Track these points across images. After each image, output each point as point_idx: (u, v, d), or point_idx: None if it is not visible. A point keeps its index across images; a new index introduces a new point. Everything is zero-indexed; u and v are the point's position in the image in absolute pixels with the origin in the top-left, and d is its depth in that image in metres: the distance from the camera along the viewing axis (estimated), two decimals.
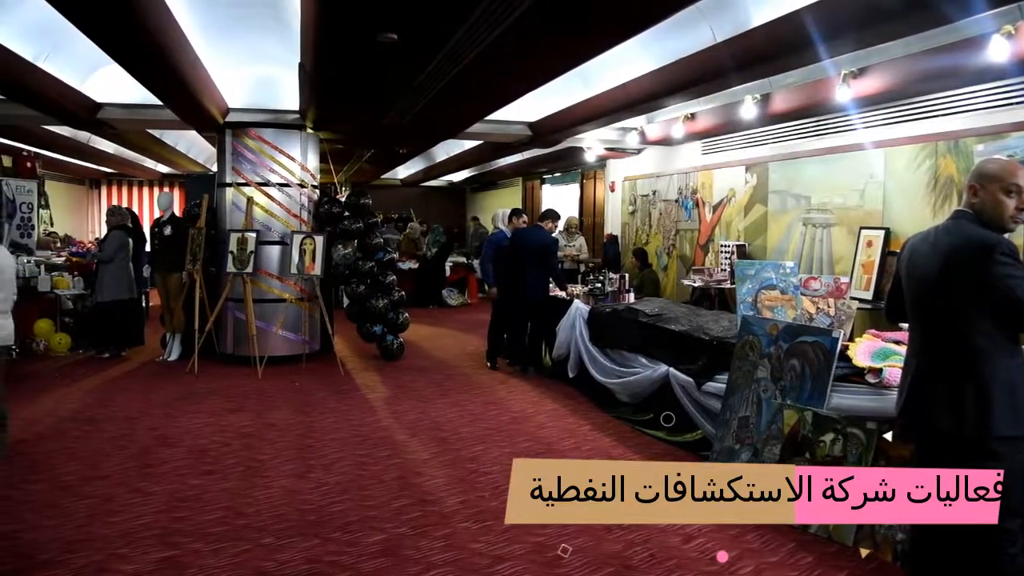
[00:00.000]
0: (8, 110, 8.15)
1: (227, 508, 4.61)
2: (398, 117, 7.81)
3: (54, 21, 5.00)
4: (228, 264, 8.82)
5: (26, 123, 9.26)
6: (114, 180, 18.82)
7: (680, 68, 6.43)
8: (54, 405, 7.00)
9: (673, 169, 10.99)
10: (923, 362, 3.05)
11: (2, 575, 3.74)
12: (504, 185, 18.54)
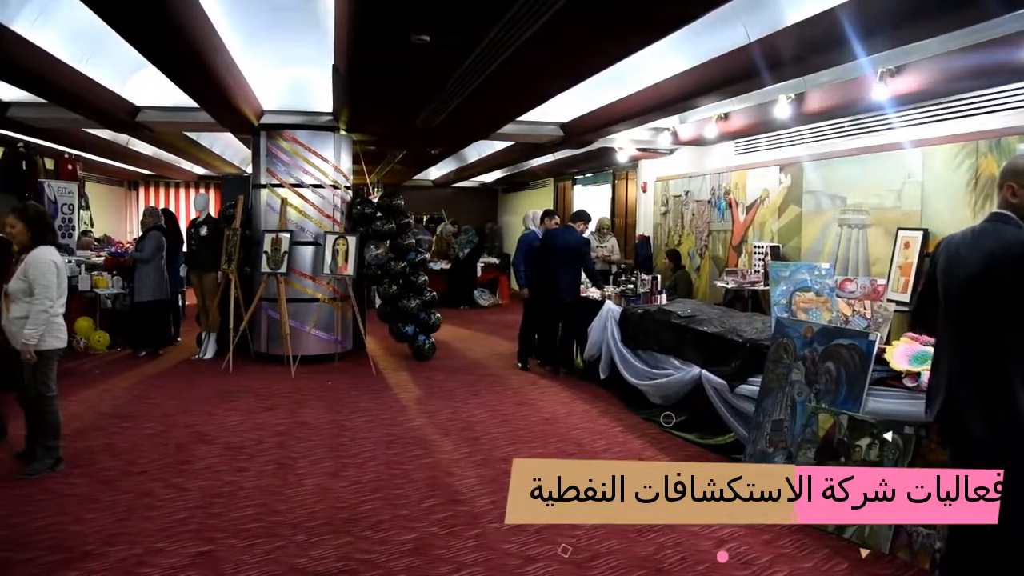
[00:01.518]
0: (51, 113, 8.33)
1: (261, 505, 4.67)
2: (430, 119, 7.84)
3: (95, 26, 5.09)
4: (262, 264, 8.93)
5: (68, 126, 9.45)
6: (152, 182, 19.11)
7: (713, 67, 6.39)
8: (94, 401, 7.14)
9: (706, 169, 10.91)
10: (956, 366, 2.99)
11: (47, 565, 3.83)
12: (536, 186, 18.51)
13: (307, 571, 3.81)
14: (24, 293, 4.89)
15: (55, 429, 5.12)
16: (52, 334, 4.98)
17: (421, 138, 10.47)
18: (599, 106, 8.62)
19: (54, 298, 4.94)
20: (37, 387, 5.00)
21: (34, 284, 4.87)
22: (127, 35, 5.19)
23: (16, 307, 4.91)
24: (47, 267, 4.92)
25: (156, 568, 3.82)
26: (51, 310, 4.91)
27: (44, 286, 4.88)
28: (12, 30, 5.64)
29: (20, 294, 4.90)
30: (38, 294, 4.86)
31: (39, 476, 4.98)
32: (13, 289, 4.91)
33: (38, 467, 5.05)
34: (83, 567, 3.81)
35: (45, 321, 4.89)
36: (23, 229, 4.97)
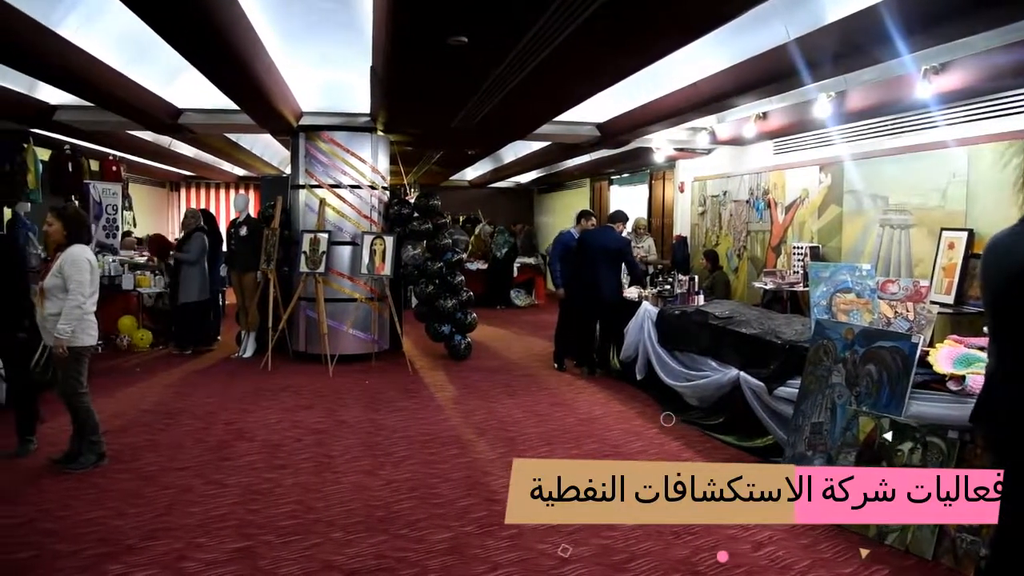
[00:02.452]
0: (96, 116, 8.50)
1: (298, 502, 4.72)
2: (467, 119, 7.86)
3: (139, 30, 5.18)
4: (301, 264, 9.03)
5: (112, 129, 9.62)
6: (192, 183, 19.41)
7: (752, 66, 6.32)
8: (136, 398, 7.27)
9: (744, 169, 10.81)
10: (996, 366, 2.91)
11: (92, 558, 3.91)
12: (572, 186, 18.47)
13: (343, 568, 3.85)
14: (59, 289, 4.99)
15: (93, 424, 5.20)
16: (84, 331, 5.09)
17: (458, 139, 10.51)
18: (636, 106, 8.58)
19: (87, 294, 5.05)
20: (69, 383, 5.10)
21: (68, 280, 4.98)
22: (170, 39, 5.28)
23: (50, 303, 5.02)
24: (82, 264, 5.04)
25: (196, 563, 3.88)
26: (84, 306, 5.02)
27: (78, 282, 4.99)
28: (59, 35, 5.76)
29: (55, 290, 5.00)
30: (72, 290, 4.97)
31: (85, 470, 5.09)
32: (48, 285, 5.03)
33: (84, 462, 5.15)
34: (126, 560, 3.88)
35: (78, 317, 4.99)
36: (60, 228, 5.11)
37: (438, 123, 8.59)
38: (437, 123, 8.64)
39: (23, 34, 5.32)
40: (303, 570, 3.82)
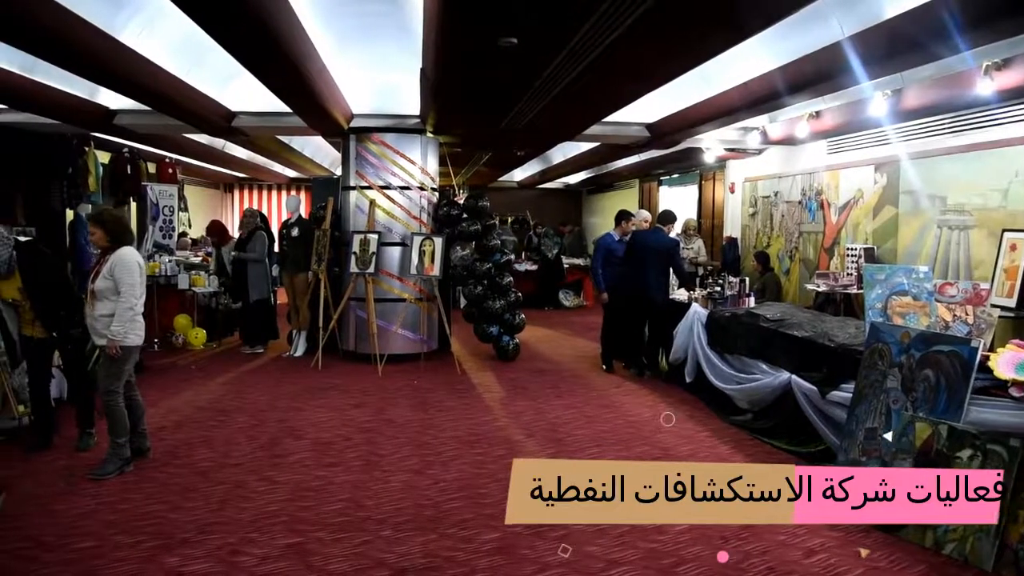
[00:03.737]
0: (153, 120, 8.72)
1: (348, 500, 4.77)
2: (516, 121, 7.87)
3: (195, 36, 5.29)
4: (351, 264, 9.13)
5: (168, 132, 9.86)
6: (245, 184, 19.77)
7: (805, 65, 6.23)
8: (192, 396, 7.42)
9: (796, 169, 10.64)
10: None
11: (150, 550, 4.01)
12: (620, 187, 18.38)
13: (393, 566, 3.88)
14: (110, 291, 5.09)
15: (122, 426, 5.20)
16: (134, 331, 5.17)
17: (507, 140, 10.53)
18: (686, 106, 8.51)
19: (138, 296, 5.14)
20: (107, 380, 5.15)
21: (119, 283, 5.07)
22: (226, 44, 5.38)
23: (101, 305, 5.11)
24: (132, 266, 5.13)
25: (249, 557, 3.95)
26: (135, 307, 5.12)
27: (129, 284, 5.08)
28: (120, 41, 5.91)
29: (106, 292, 5.10)
30: (124, 292, 5.06)
31: (108, 477, 5.05)
32: (99, 288, 5.11)
33: (108, 468, 5.12)
34: (182, 553, 3.97)
35: (130, 318, 5.08)
36: (102, 234, 5.20)
37: (487, 125, 8.62)
38: (486, 125, 8.67)
39: (86, 41, 5.48)
40: (353, 567, 3.87)
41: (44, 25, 4.97)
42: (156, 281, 10.10)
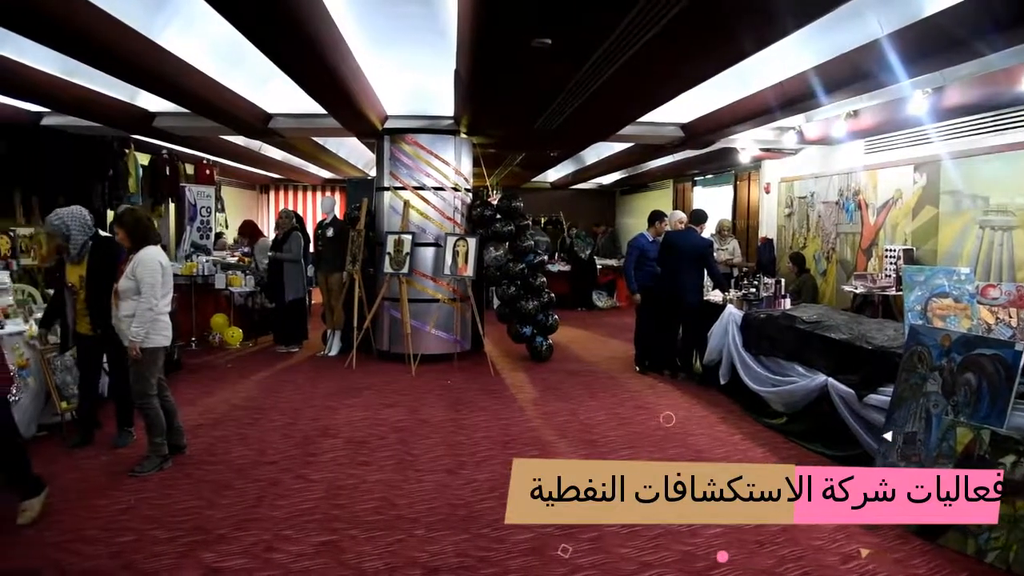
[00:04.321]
0: (191, 122, 8.85)
1: (382, 499, 4.80)
2: (549, 121, 7.87)
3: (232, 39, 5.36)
4: (385, 265, 9.19)
5: (206, 134, 10.00)
6: (281, 185, 19.96)
7: (842, 63, 6.14)
8: (228, 394, 7.52)
9: (833, 169, 10.51)
10: None
11: (187, 545, 4.08)
12: (654, 187, 18.28)
13: (426, 565, 3.90)
14: (132, 292, 5.14)
15: (159, 426, 5.28)
16: (157, 332, 5.22)
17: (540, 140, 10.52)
18: (721, 106, 8.44)
19: (159, 296, 5.17)
20: (139, 384, 5.23)
21: (140, 283, 5.12)
22: (263, 47, 5.44)
23: (125, 305, 5.17)
24: (153, 266, 5.17)
25: (284, 554, 3.99)
26: (156, 308, 5.15)
27: (150, 284, 5.12)
28: (160, 45, 6.01)
29: (129, 292, 5.16)
30: (144, 292, 5.11)
31: (148, 474, 5.15)
32: (122, 287, 5.18)
33: (147, 466, 5.21)
34: (219, 549, 4.03)
35: (150, 319, 5.12)
36: (125, 235, 5.28)
37: (521, 125, 8.62)
38: (520, 125, 8.67)
39: (127, 44, 5.58)
40: (387, 565, 3.89)
41: (87, 29, 5.06)
42: (194, 281, 10.27)
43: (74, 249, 5.49)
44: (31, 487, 4.36)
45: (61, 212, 5.51)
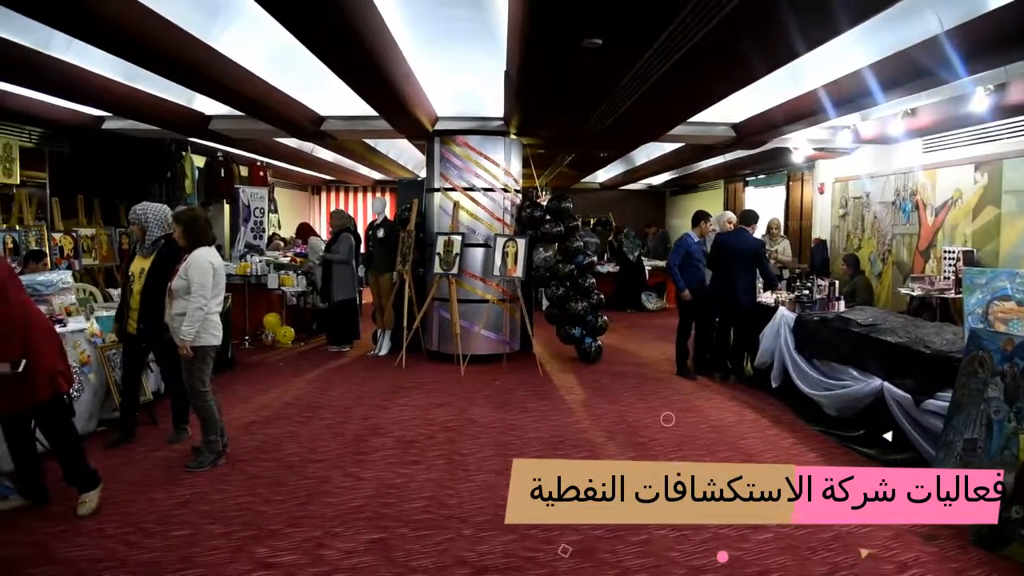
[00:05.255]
0: (246, 125, 9.02)
1: (431, 498, 4.83)
2: (600, 122, 7.84)
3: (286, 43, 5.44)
4: (435, 265, 9.25)
5: (260, 136, 10.18)
6: (332, 186, 20.23)
7: (900, 61, 6.01)
8: (280, 392, 7.64)
9: (890, 169, 10.29)
10: None
11: (241, 540, 4.15)
12: (705, 188, 18.11)
13: (474, 565, 3.91)
14: (184, 291, 5.24)
15: (213, 423, 5.39)
16: (208, 331, 5.31)
17: (590, 141, 10.50)
18: (773, 105, 8.32)
19: (209, 297, 5.25)
20: (192, 382, 5.33)
21: (191, 283, 5.22)
22: (317, 51, 5.52)
23: (177, 304, 5.27)
24: (204, 267, 5.25)
25: (334, 551, 4.04)
26: (206, 308, 5.23)
27: (200, 284, 5.21)
28: (216, 50, 6.14)
29: (181, 292, 5.26)
30: (194, 292, 5.20)
31: (203, 469, 5.26)
32: (175, 287, 5.29)
33: (202, 461, 5.33)
34: (271, 545, 4.09)
35: (200, 318, 5.20)
36: (181, 232, 5.39)
37: (570, 126, 8.61)
38: (569, 126, 8.66)
39: (186, 50, 5.71)
40: (435, 564, 3.92)
41: (148, 35, 5.19)
42: (247, 281, 10.45)
43: (148, 241, 5.66)
44: (88, 480, 4.50)
45: (145, 204, 5.71)
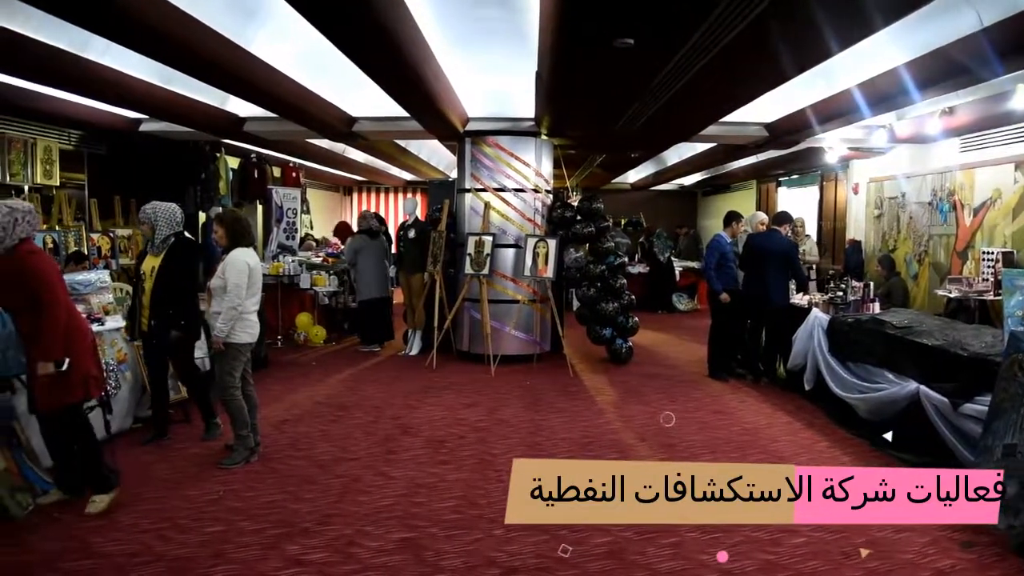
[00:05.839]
0: (279, 127, 9.12)
1: (461, 498, 4.84)
2: (631, 122, 7.81)
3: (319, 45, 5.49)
4: (466, 266, 9.27)
5: (293, 137, 10.28)
6: (364, 187, 20.37)
7: (937, 59, 5.91)
8: (312, 391, 7.71)
9: (926, 169, 10.13)
10: None
11: (273, 537, 4.20)
12: (737, 188, 17.97)
13: (504, 565, 3.91)
14: (222, 290, 5.36)
15: (243, 420, 5.45)
16: (242, 329, 5.41)
17: (621, 141, 10.46)
18: (807, 104, 8.22)
19: (243, 296, 5.35)
20: (223, 377, 5.43)
21: (227, 283, 5.33)
22: (348, 51, 5.55)
23: (215, 302, 5.41)
24: (240, 267, 5.37)
25: (365, 549, 4.07)
26: (240, 307, 5.33)
27: (235, 284, 5.32)
28: (251, 52, 6.20)
29: (219, 290, 5.39)
30: (230, 292, 5.31)
31: (236, 466, 5.33)
32: (214, 286, 5.44)
33: (235, 458, 5.40)
34: (303, 542, 4.13)
35: (234, 317, 5.30)
36: (223, 233, 5.50)
37: (602, 126, 8.59)
38: (601, 126, 8.64)
39: (221, 53, 5.79)
40: (465, 564, 3.92)
41: (184, 39, 5.26)
42: (280, 281, 10.56)
43: (158, 239, 5.73)
44: (103, 483, 4.54)
45: (155, 203, 5.78)
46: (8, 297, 4.31)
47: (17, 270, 4.23)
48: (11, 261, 4.24)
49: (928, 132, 8.67)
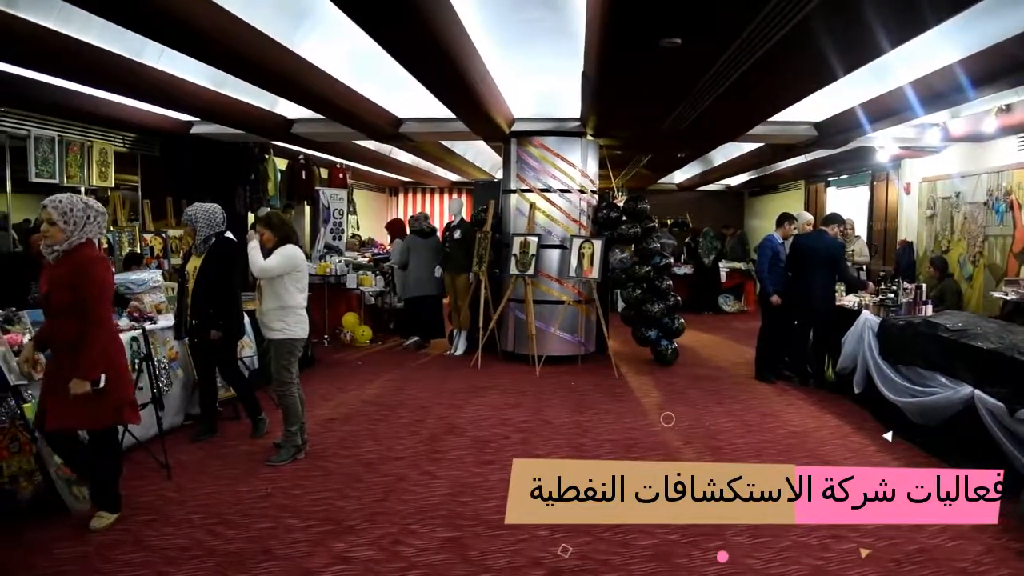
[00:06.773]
0: (327, 128, 9.24)
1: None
2: (678, 122, 7.75)
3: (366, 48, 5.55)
4: (511, 266, 9.29)
5: (340, 139, 10.41)
6: (410, 188, 20.52)
7: (994, 55, 5.77)
8: (358, 390, 7.79)
9: (982, 168, 9.89)
10: None
11: (319, 534, 4.25)
12: (785, 189, 17.71)
13: (548, 566, 3.91)
14: (272, 285, 5.46)
15: (295, 416, 5.52)
16: (297, 324, 5.52)
17: (667, 141, 10.39)
18: (857, 103, 8.08)
19: (274, 271, 5.42)
20: (279, 372, 5.51)
21: (274, 258, 5.44)
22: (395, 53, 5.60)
23: (267, 299, 5.49)
24: (289, 253, 5.49)
25: (410, 548, 4.10)
26: (264, 269, 5.40)
27: (278, 262, 5.42)
28: (299, 55, 6.30)
29: (267, 284, 5.48)
30: (271, 262, 5.42)
31: (283, 464, 5.40)
32: (264, 283, 5.52)
33: (283, 455, 5.47)
34: (348, 540, 4.18)
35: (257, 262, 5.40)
36: (270, 235, 5.57)
37: (648, 127, 8.54)
38: (647, 127, 8.59)
39: (271, 56, 5.88)
40: (510, 564, 3.94)
41: (235, 43, 5.36)
42: (327, 280, 10.69)
43: (199, 240, 5.85)
44: (115, 503, 4.42)
45: (196, 205, 5.90)
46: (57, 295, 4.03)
47: (75, 272, 3.99)
48: (72, 261, 4.02)
49: (984, 130, 8.46)
